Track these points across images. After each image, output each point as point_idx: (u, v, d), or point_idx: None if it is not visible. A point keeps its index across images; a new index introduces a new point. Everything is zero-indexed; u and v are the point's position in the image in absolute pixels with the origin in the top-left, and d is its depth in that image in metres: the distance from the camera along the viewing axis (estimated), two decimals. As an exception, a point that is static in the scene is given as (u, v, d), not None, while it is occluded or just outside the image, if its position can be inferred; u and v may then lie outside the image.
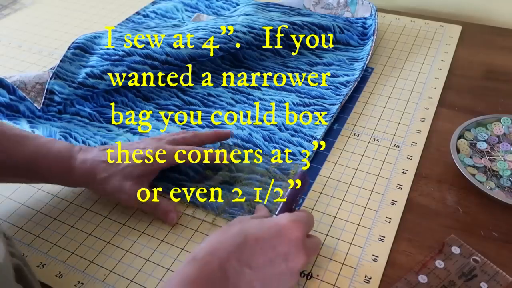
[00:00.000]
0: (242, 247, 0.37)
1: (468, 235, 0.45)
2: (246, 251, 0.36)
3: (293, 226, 0.38)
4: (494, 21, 0.79)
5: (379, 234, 0.45)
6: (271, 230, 0.38)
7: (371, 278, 0.42)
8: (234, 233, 0.38)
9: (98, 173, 0.46)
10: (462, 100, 0.61)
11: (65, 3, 0.94)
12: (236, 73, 0.68)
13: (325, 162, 0.54)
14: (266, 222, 0.39)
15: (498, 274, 0.41)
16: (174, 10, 0.84)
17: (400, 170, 0.52)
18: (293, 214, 0.40)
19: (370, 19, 0.74)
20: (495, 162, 0.50)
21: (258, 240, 0.37)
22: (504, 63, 0.68)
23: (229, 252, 0.36)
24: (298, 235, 0.38)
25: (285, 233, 0.38)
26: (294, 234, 0.37)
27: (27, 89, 0.61)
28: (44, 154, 0.47)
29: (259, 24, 0.68)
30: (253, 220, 0.40)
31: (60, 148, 0.48)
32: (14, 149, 0.46)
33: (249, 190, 0.50)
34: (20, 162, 0.46)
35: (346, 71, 0.67)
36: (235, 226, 0.39)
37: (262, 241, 0.37)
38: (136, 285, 0.43)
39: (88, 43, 0.65)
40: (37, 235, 0.48)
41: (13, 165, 0.46)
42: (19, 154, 0.46)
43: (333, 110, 0.60)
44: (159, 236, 0.47)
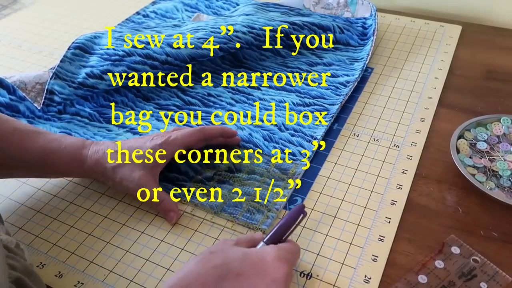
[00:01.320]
0: (221, 281, 0.35)
1: (468, 235, 0.45)
2: (226, 285, 0.35)
3: (278, 266, 0.36)
4: (494, 21, 0.79)
5: (379, 234, 0.45)
6: (255, 267, 0.36)
7: (370, 278, 0.42)
8: (215, 264, 0.36)
9: (109, 161, 0.47)
10: (462, 100, 0.61)
11: (65, 3, 0.94)
12: (236, 73, 0.68)
13: (325, 162, 0.54)
14: (250, 256, 0.37)
15: (497, 274, 0.41)
16: (174, 10, 0.84)
17: (400, 170, 0.52)
18: (281, 249, 0.38)
19: (370, 19, 0.74)
20: (495, 162, 0.50)
21: (239, 276, 0.35)
22: (504, 63, 0.68)
23: (206, 286, 0.34)
24: (281, 275, 0.36)
25: (269, 272, 0.36)
26: (278, 274, 0.36)
27: (27, 89, 0.61)
28: (57, 147, 0.48)
29: (259, 24, 0.68)
30: (237, 250, 0.38)
31: (73, 141, 0.49)
32: (27, 144, 0.47)
33: (249, 190, 0.50)
34: (34, 156, 0.47)
35: (346, 71, 0.67)
36: (217, 255, 0.37)
37: (243, 277, 0.35)
38: (136, 285, 0.43)
39: (88, 43, 0.65)
40: (37, 235, 0.48)
41: (26, 160, 0.47)
42: (32, 149, 0.47)
43: (333, 110, 0.60)
44: (159, 236, 0.47)
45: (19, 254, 0.36)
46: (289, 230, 0.41)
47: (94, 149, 0.48)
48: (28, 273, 0.34)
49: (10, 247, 0.36)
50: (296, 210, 0.41)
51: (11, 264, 0.33)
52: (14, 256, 0.35)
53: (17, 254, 0.36)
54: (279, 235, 0.40)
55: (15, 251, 0.36)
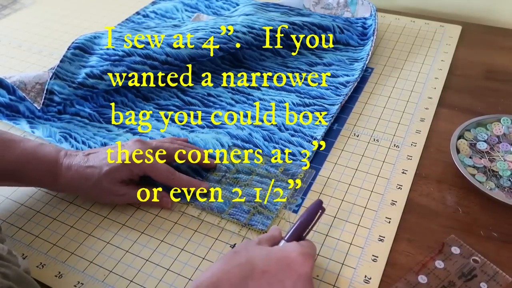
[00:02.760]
0: (248, 279, 0.35)
1: (468, 235, 0.45)
2: (252, 284, 0.35)
3: (303, 261, 0.36)
4: (494, 21, 0.79)
5: (379, 234, 0.45)
6: (280, 263, 0.36)
7: (370, 278, 0.42)
8: (240, 262, 0.36)
9: (83, 180, 0.47)
10: (462, 100, 0.61)
11: (65, 3, 0.94)
12: (236, 73, 0.68)
13: (325, 162, 0.54)
14: (275, 253, 0.37)
15: (497, 274, 0.41)
16: (174, 10, 0.84)
17: (400, 170, 0.52)
18: (303, 246, 0.38)
19: (370, 19, 0.73)
20: (495, 162, 0.50)
21: (265, 273, 0.35)
22: (504, 63, 0.68)
23: (233, 284, 0.35)
24: (307, 270, 0.36)
25: (295, 268, 0.36)
26: (304, 269, 0.36)
27: (27, 89, 0.61)
28: (30, 160, 0.47)
29: (259, 24, 0.68)
30: (260, 249, 0.38)
31: (46, 153, 0.48)
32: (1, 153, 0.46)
33: (249, 190, 0.50)
34: (7, 166, 0.46)
35: (346, 71, 0.67)
36: (241, 254, 0.37)
37: (269, 275, 0.35)
38: (135, 285, 0.43)
39: (88, 43, 0.65)
40: (37, 235, 0.48)
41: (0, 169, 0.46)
42: (6, 159, 0.46)
43: (333, 110, 0.60)
44: (159, 236, 0.47)
45: (12, 261, 0.36)
46: (308, 226, 0.41)
47: (66, 165, 0.47)
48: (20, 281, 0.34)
49: (2, 254, 0.35)
50: (314, 207, 0.41)
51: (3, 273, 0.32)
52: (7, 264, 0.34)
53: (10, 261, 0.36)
54: (299, 232, 0.40)
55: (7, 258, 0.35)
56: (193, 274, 0.43)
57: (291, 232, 0.40)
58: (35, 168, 0.47)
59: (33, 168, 0.47)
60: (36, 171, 0.47)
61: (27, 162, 0.46)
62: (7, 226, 0.49)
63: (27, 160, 0.47)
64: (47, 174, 0.47)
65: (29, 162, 0.47)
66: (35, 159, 0.47)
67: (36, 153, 0.47)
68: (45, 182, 0.48)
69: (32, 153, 0.47)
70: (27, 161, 0.47)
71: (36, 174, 0.47)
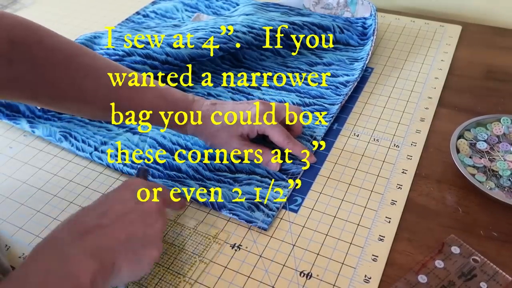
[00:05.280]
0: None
1: (467, 235, 0.45)
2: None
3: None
4: (494, 21, 0.79)
5: (378, 234, 0.45)
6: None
7: (370, 278, 0.42)
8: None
9: (208, 128, 0.52)
10: (462, 100, 0.61)
11: (65, 3, 0.94)
12: (236, 73, 0.68)
13: (325, 162, 0.54)
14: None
15: (497, 274, 0.41)
16: (174, 10, 0.85)
17: (400, 170, 0.52)
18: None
19: (370, 19, 0.73)
20: (495, 162, 0.50)
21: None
22: (504, 63, 0.68)
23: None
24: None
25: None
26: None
27: (27, 89, 0.61)
28: (162, 104, 0.51)
29: (259, 24, 0.68)
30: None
31: (177, 98, 0.52)
32: (137, 97, 0.50)
33: (249, 190, 0.50)
34: (144, 109, 0.50)
35: (346, 71, 0.67)
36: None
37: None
38: (136, 285, 0.43)
39: (88, 43, 0.65)
40: (37, 235, 0.48)
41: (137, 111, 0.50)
42: (142, 102, 0.50)
43: (333, 110, 0.60)
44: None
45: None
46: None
47: (195, 112, 0.52)
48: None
49: None
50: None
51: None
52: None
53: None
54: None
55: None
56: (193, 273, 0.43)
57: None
58: (166, 111, 0.51)
59: (164, 111, 0.51)
60: (167, 115, 0.51)
61: (160, 107, 0.50)
62: (7, 226, 0.49)
63: (159, 104, 0.50)
64: (176, 119, 0.51)
65: (161, 107, 0.50)
66: (167, 102, 0.51)
67: (167, 96, 0.51)
68: (175, 125, 0.52)
69: (163, 98, 0.51)
70: (159, 105, 0.50)
71: (167, 117, 0.51)
